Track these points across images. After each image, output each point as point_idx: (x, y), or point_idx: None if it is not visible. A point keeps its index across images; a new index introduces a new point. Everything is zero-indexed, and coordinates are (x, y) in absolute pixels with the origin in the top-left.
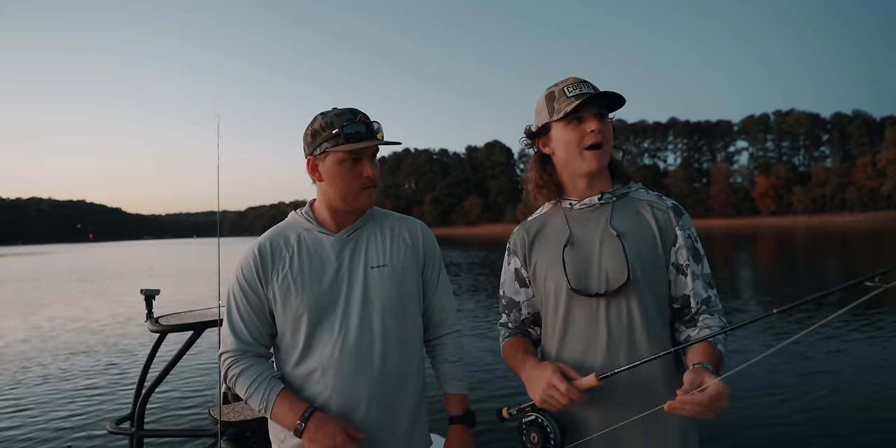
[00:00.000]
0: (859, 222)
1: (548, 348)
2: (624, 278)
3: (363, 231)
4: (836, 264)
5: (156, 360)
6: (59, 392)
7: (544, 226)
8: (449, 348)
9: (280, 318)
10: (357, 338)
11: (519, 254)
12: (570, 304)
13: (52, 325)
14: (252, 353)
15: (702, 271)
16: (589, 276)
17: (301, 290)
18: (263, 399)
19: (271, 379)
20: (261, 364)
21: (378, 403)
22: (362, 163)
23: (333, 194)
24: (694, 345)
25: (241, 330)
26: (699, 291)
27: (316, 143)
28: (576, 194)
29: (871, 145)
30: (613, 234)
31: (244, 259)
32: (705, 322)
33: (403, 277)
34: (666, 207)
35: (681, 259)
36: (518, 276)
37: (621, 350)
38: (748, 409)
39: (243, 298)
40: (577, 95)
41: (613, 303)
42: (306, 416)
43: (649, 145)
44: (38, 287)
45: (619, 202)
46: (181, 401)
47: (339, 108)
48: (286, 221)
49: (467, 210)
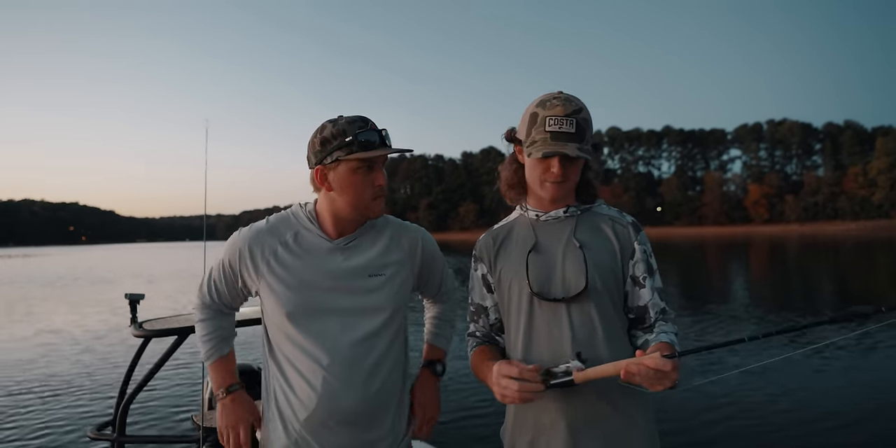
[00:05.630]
0: (851, 231)
1: (512, 353)
2: (582, 285)
3: (361, 239)
4: (829, 280)
5: (139, 366)
6: (38, 397)
7: (510, 233)
8: (445, 307)
9: (267, 308)
10: (346, 346)
11: (485, 260)
12: (532, 309)
13: (35, 329)
14: (218, 308)
15: (655, 285)
16: (551, 281)
17: (291, 291)
18: (209, 354)
19: (223, 340)
20: (223, 319)
21: (364, 412)
22: (375, 171)
23: (343, 203)
24: (654, 345)
25: (214, 291)
26: (657, 302)
27: (326, 151)
28: (541, 207)
29: (862, 155)
30: (577, 245)
31: (234, 242)
32: (661, 327)
33: (397, 287)
34: (626, 223)
35: (638, 272)
36: (485, 281)
37: (584, 353)
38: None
39: (222, 273)
40: (553, 134)
41: (574, 308)
42: (231, 390)
43: (644, 153)
44: (25, 289)
45: (583, 216)
46: (164, 406)
47: (347, 116)
48: (287, 215)
49: (462, 216)
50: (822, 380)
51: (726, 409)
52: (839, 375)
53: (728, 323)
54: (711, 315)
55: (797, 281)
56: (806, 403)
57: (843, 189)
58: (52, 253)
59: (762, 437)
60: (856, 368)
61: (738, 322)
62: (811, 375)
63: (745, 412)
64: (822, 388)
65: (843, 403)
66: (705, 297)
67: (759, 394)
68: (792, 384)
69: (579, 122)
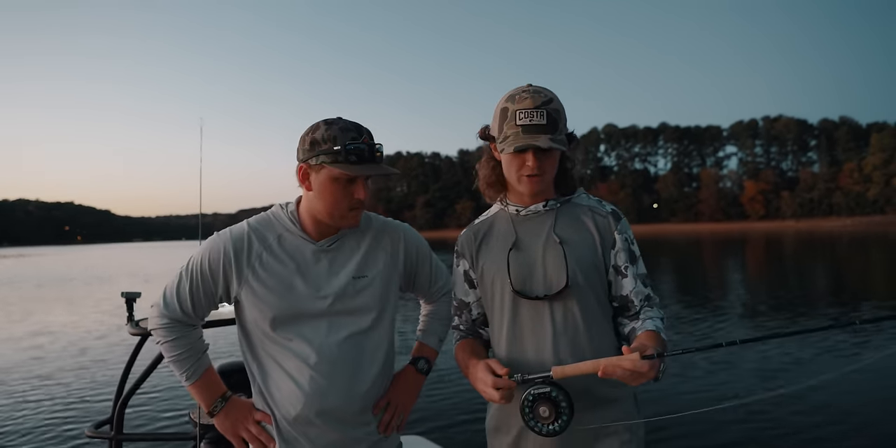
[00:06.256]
0: (846, 227)
1: (497, 350)
2: (563, 283)
3: (344, 241)
4: (825, 276)
5: (136, 364)
6: (36, 396)
7: (491, 228)
8: (441, 307)
9: (249, 314)
10: (333, 345)
11: (466, 256)
12: (515, 306)
13: (31, 328)
14: (187, 323)
15: (638, 271)
16: (532, 279)
17: (276, 297)
18: (190, 373)
19: (202, 353)
20: (193, 335)
21: (352, 410)
22: (356, 184)
23: (320, 208)
24: (641, 333)
25: (186, 303)
26: (640, 289)
27: (313, 152)
28: (521, 202)
29: (857, 151)
30: (556, 240)
31: (215, 245)
32: (647, 314)
33: (382, 288)
34: (606, 212)
35: (620, 261)
36: (467, 277)
37: (566, 349)
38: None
39: (199, 280)
40: (525, 127)
41: (556, 305)
42: (227, 397)
43: (640, 150)
44: (21, 289)
45: (563, 208)
46: (162, 404)
47: (344, 121)
48: (268, 217)
49: (460, 213)
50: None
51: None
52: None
53: (724, 320)
54: (707, 311)
55: (793, 278)
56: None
57: (839, 185)
58: (48, 253)
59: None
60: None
61: (734, 319)
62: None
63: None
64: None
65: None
66: (701, 294)
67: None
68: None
69: (550, 112)
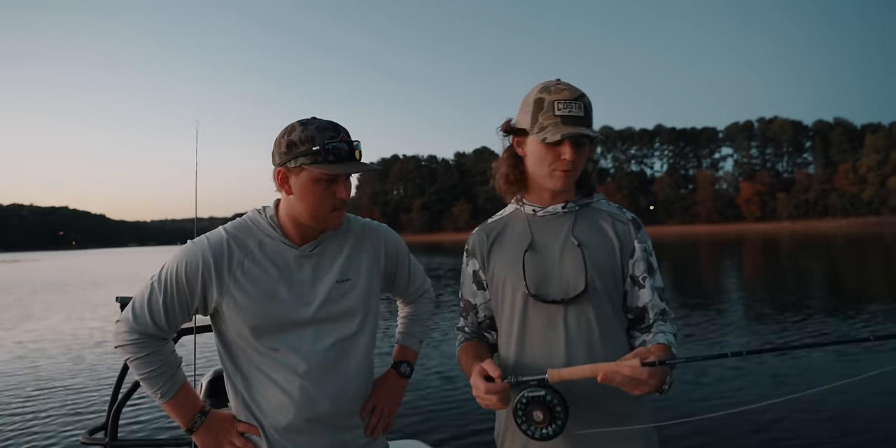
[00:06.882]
0: (842, 228)
1: (505, 353)
2: (582, 287)
3: (327, 245)
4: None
5: (131, 370)
6: (31, 403)
7: (505, 229)
8: (420, 308)
9: (230, 324)
10: (319, 355)
11: (478, 256)
12: (527, 310)
13: (26, 334)
14: (159, 337)
15: (656, 284)
16: (548, 282)
17: (259, 306)
18: (165, 390)
19: (176, 368)
20: (165, 350)
21: (341, 415)
22: (337, 183)
23: (302, 211)
24: (649, 347)
25: (159, 315)
26: (657, 303)
27: (291, 155)
28: (539, 202)
29: (852, 152)
30: (575, 243)
31: (192, 254)
32: (659, 327)
33: (366, 290)
34: (626, 220)
35: (637, 271)
36: (476, 278)
37: (580, 356)
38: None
39: (174, 291)
40: (564, 118)
41: (572, 310)
42: (206, 411)
43: (636, 152)
44: (15, 294)
45: (582, 212)
46: (156, 410)
47: (319, 121)
48: (246, 223)
49: (456, 216)
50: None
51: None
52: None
53: (725, 324)
54: (708, 314)
55: (792, 280)
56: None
57: (834, 186)
58: (42, 258)
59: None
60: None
61: (735, 323)
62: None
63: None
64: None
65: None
66: (701, 296)
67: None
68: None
69: (586, 105)
